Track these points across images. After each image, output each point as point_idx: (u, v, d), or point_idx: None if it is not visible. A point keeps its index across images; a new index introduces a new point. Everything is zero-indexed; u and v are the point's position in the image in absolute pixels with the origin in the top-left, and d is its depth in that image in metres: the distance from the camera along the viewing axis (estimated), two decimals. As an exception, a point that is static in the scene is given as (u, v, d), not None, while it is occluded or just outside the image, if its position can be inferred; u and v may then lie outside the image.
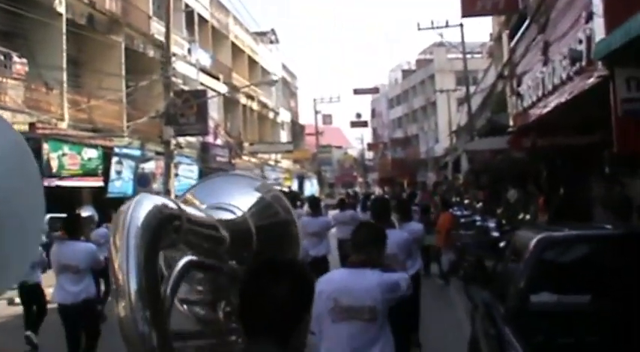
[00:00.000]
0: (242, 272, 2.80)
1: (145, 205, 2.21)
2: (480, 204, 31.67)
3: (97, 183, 29.18)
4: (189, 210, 2.59)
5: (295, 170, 72.43)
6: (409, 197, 30.65)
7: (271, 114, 65.44)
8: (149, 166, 32.80)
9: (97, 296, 12.04)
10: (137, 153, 32.17)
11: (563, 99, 16.81)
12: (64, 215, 11.73)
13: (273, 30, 70.83)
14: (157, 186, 32.03)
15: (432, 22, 46.05)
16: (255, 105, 58.34)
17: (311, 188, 68.89)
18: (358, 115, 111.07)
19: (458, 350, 11.55)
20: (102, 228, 16.00)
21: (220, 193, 3.19)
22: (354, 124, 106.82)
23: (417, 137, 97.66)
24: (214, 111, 44.51)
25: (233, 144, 46.36)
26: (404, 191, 56.93)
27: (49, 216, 14.05)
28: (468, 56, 50.69)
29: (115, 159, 30.30)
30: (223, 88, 48.30)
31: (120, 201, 14.46)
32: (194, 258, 2.67)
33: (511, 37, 24.68)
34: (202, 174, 39.80)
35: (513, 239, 8.83)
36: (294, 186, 67.55)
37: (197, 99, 36.14)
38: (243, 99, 54.49)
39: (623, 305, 6.46)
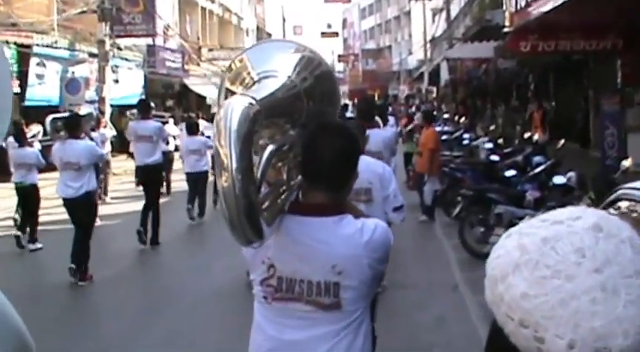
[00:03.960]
0: (298, 136, 3.24)
1: (236, 111, 2.62)
2: (464, 119, 27.69)
3: (9, 87, 24.37)
4: (262, 96, 2.88)
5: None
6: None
7: (235, 20, 60.78)
8: (81, 70, 28.13)
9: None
10: (65, 54, 27.44)
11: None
12: (64, 115, 14.36)
13: None
14: (90, 93, 27.67)
15: None
16: (216, 8, 53.59)
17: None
18: (329, 26, 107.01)
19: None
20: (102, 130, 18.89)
21: (268, 58, 3.33)
22: (324, 35, 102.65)
23: (389, 48, 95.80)
24: (167, 12, 40.05)
25: (187, 49, 41.76)
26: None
27: (50, 117, 15.24)
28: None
29: (34, 61, 25.23)
30: (178, -14, 43.95)
31: (43, 110, 19.50)
32: (274, 146, 3.08)
33: None
34: (148, 81, 35.57)
35: None
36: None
37: (145, -4, 31.84)
38: (202, 1, 49.77)
39: None
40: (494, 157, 14.96)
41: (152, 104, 16.52)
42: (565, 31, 18.30)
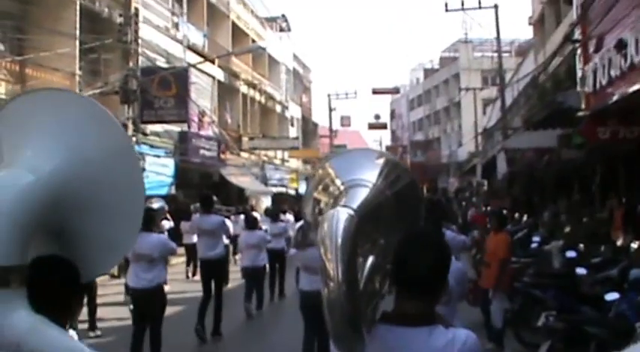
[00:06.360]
0: (388, 245, 3.33)
1: (341, 225, 2.80)
2: (526, 217, 24.85)
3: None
4: (359, 207, 3.04)
5: (305, 172, 65.63)
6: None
7: (279, 108, 58.75)
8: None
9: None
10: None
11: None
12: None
13: (284, 16, 64.35)
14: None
15: (463, 3, 39.35)
16: (258, 96, 51.63)
17: (322, 192, 61.49)
18: (377, 117, 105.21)
19: None
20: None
21: (352, 168, 3.42)
22: (371, 126, 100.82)
23: (438, 140, 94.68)
24: (205, 98, 37.96)
25: (224, 137, 39.38)
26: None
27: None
28: (496, 54, 44.12)
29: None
30: (219, 73, 41.88)
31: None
32: (374, 258, 3.29)
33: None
34: (179, 171, 33.10)
35: None
36: (302, 189, 60.97)
37: (178, 79, 29.73)
38: (244, 88, 47.81)
39: None
40: (581, 270, 11.91)
41: (215, 198, 16.32)
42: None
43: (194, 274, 22.71)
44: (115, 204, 3.32)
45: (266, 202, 44.87)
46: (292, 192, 56.48)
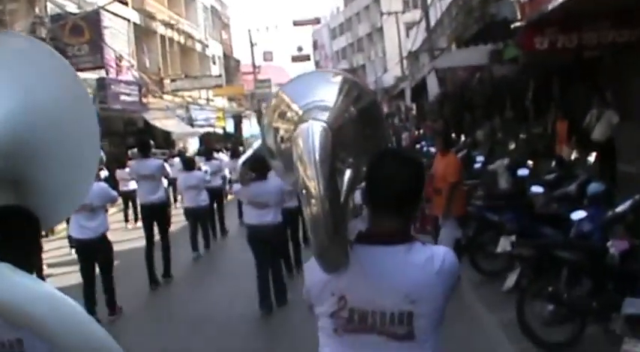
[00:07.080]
0: (357, 165, 3.27)
1: (317, 138, 2.75)
2: (464, 138, 24.29)
3: None
4: (331, 120, 2.98)
5: (231, 110, 64.31)
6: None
7: (199, 47, 57.10)
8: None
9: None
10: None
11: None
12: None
13: (196, -49, 62.35)
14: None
15: None
16: (176, 36, 50.06)
17: (250, 129, 60.10)
18: (299, 49, 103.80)
19: None
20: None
21: (309, 90, 3.31)
22: (295, 59, 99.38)
23: (363, 67, 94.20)
24: (121, 42, 36.47)
25: (144, 80, 38.03)
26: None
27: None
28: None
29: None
30: (134, 15, 40.34)
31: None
32: (351, 172, 3.19)
33: None
34: (100, 119, 31.66)
35: None
36: (230, 127, 59.74)
37: (90, 24, 28.37)
38: (161, 29, 46.24)
39: None
40: (537, 189, 11.10)
41: (152, 142, 16.28)
42: (590, 20, 14.92)
43: (136, 221, 21.99)
44: (70, 150, 3.26)
45: (194, 144, 43.70)
46: (220, 131, 55.26)
